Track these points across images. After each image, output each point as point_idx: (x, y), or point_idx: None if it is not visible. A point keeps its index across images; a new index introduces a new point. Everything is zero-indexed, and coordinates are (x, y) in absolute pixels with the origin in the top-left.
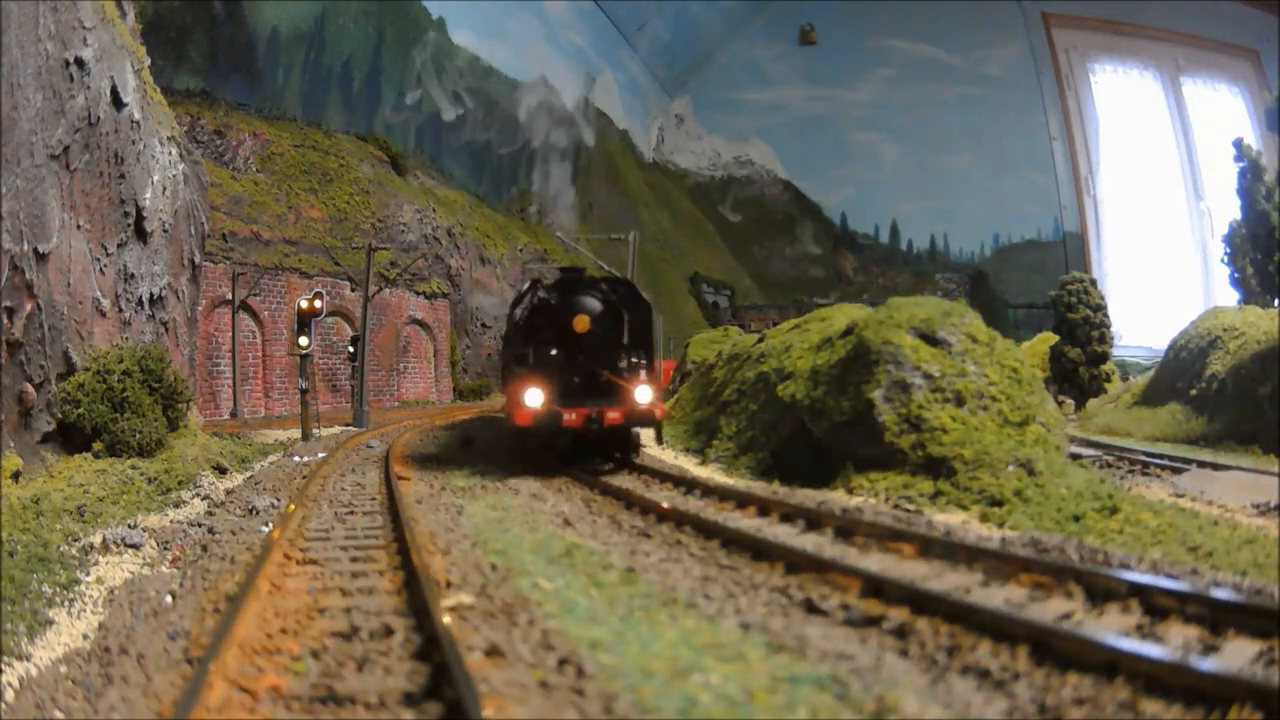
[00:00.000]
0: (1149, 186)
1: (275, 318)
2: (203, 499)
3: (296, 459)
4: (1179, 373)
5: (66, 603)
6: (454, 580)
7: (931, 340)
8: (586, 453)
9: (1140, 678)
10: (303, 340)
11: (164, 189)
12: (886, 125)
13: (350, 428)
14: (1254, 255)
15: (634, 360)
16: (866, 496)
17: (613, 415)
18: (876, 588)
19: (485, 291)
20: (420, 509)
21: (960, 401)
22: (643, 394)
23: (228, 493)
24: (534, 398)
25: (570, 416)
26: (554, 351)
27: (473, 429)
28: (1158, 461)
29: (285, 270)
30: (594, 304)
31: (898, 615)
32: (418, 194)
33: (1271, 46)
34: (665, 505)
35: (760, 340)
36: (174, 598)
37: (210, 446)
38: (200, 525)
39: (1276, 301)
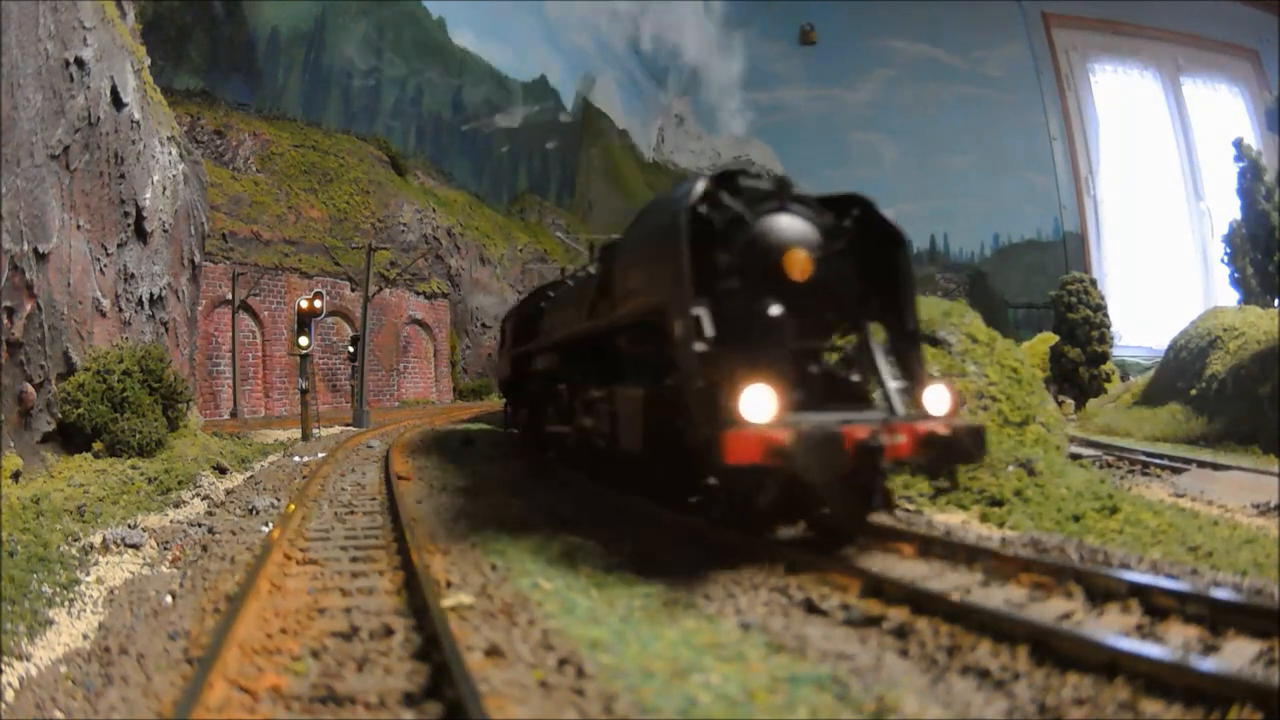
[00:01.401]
0: (1149, 186)
1: (275, 318)
2: (203, 499)
3: (296, 459)
4: (1179, 373)
5: (66, 603)
6: (454, 580)
7: (931, 340)
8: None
9: (1140, 678)
10: (303, 340)
11: (164, 189)
12: (886, 125)
13: (350, 428)
14: (1254, 255)
15: (892, 334)
16: None
17: (901, 439)
18: (876, 587)
19: (485, 291)
20: (420, 509)
21: (960, 402)
22: (936, 397)
23: (228, 493)
24: (758, 404)
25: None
26: (774, 310)
27: (472, 430)
28: (1158, 461)
29: (285, 270)
30: (810, 232)
31: (898, 615)
32: (418, 194)
33: (1271, 46)
34: None
35: None
36: (174, 598)
37: (210, 446)
38: (200, 525)
39: (1276, 301)
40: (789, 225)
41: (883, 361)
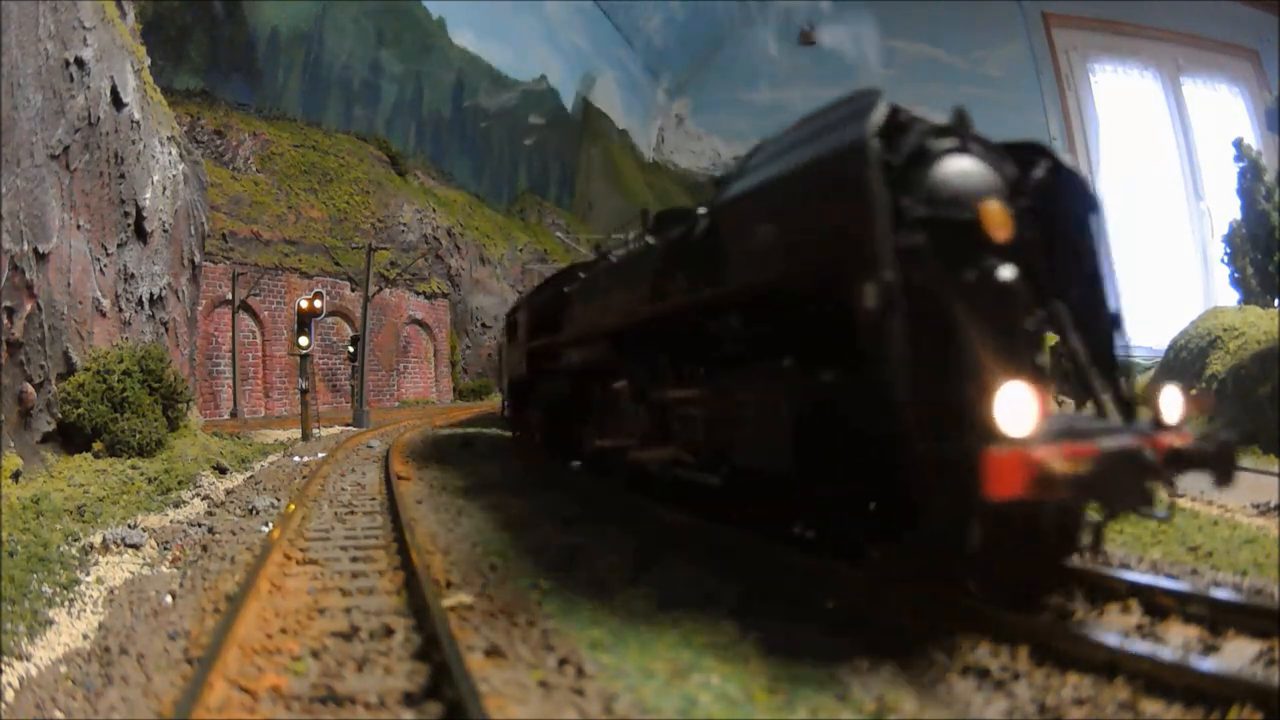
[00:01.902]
0: (1149, 186)
1: (275, 318)
2: (203, 499)
3: (296, 459)
4: (1179, 373)
5: (66, 603)
6: (454, 580)
7: None
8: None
9: (1140, 678)
10: (303, 340)
11: (164, 189)
12: None
13: (350, 428)
14: (1254, 255)
15: (1085, 317)
16: None
17: (1156, 454)
18: (876, 589)
19: (485, 291)
20: (420, 509)
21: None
22: (1171, 401)
23: (228, 493)
24: (1019, 410)
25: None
26: (1006, 274)
27: (472, 430)
28: None
29: (285, 270)
30: (1000, 182)
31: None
32: (418, 194)
33: (1271, 46)
34: None
35: None
36: (174, 598)
37: (210, 446)
38: (200, 525)
39: (1276, 301)
40: (979, 170)
41: (1083, 353)
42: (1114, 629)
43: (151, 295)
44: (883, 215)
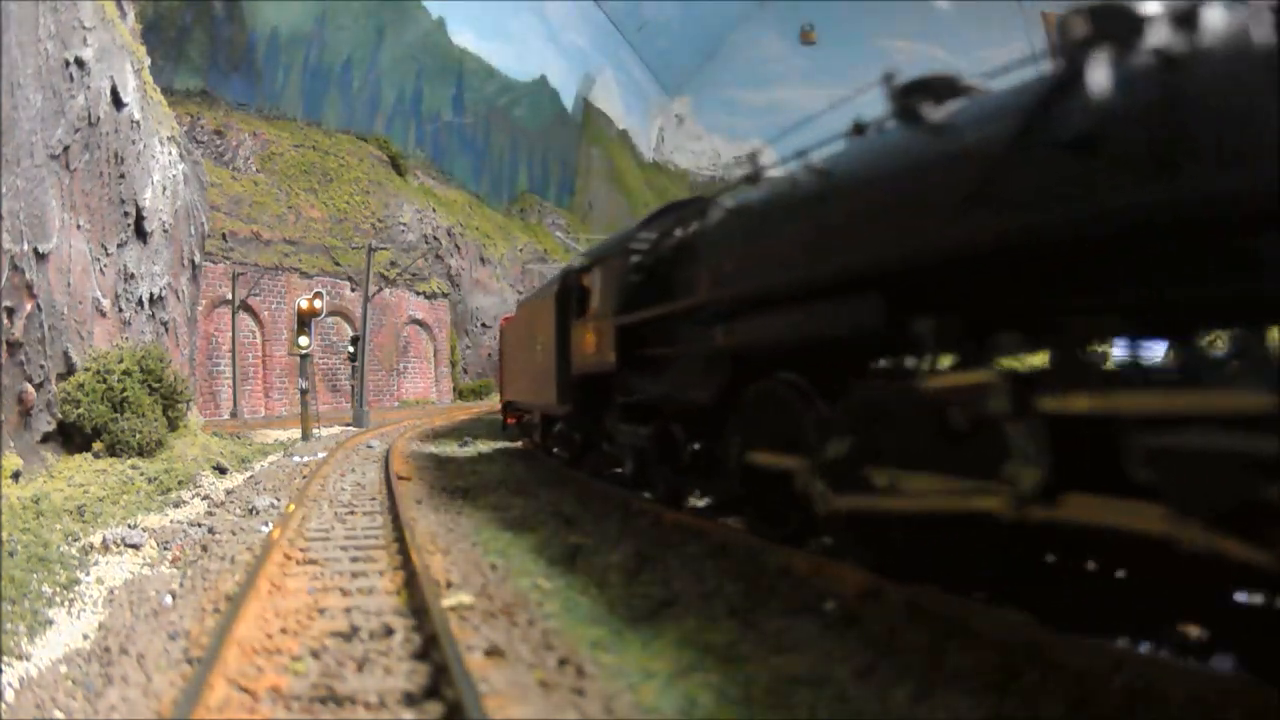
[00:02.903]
0: None
1: (275, 318)
2: (203, 499)
3: (296, 459)
4: None
5: (66, 603)
6: (454, 580)
7: None
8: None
9: (1140, 678)
10: (303, 340)
11: (164, 189)
12: None
13: (350, 428)
14: None
15: None
16: None
17: None
18: (876, 588)
19: (485, 291)
20: (420, 509)
21: None
22: None
23: (228, 493)
24: None
25: None
26: None
27: (474, 431)
28: None
29: (285, 270)
30: None
31: (898, 615)
32: (418, 194)
33: None
34: None
35: None
36: (174, 597)
37: (210, 446)
38: (200, 525)
39: None
40: None
41: None
42: None
43: (151, 295)
44: None
